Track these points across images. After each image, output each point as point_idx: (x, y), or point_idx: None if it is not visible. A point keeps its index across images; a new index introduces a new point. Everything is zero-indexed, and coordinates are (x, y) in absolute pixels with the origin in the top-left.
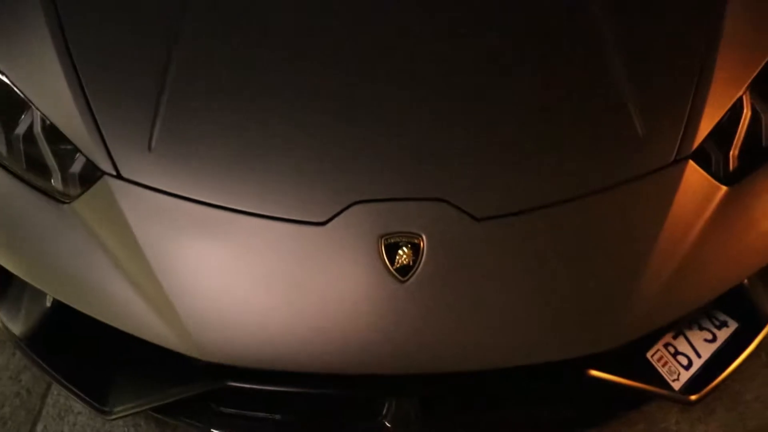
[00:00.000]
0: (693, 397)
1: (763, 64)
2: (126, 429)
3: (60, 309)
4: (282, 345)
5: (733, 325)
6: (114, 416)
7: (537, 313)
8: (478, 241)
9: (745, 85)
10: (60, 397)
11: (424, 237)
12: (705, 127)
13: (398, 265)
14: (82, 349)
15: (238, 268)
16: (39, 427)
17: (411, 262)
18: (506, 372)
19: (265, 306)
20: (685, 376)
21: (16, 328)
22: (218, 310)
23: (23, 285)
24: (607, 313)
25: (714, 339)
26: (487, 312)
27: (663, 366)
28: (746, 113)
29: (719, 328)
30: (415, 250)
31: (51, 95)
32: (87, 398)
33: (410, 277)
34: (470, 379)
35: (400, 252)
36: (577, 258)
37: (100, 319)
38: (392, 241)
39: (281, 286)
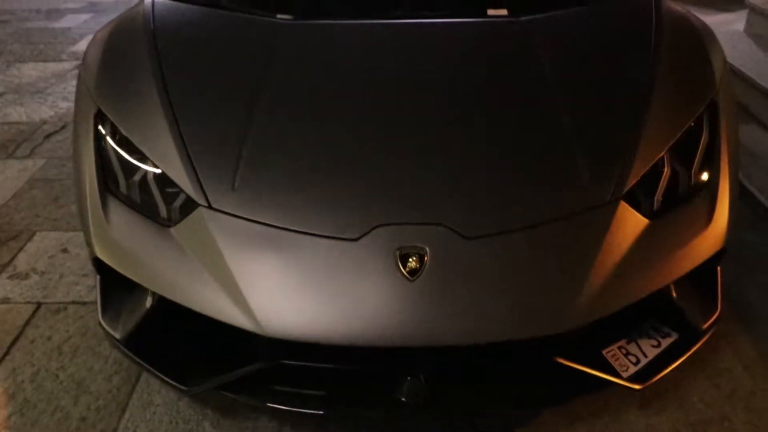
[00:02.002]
0: (638, 386)
1: (679, 134)
2: (196, 416)
3: (155, 311)
4: (323, 324)
5: (674, 336)
6: (193, 392)
7: (507, 305)
8: (465, 253)
9: (666, 149)
10: (144, 393)
11: (427, 250)
12: (633, 177)
13: (408, 269)
14: (168, 344)
15: (293, 269)
16: (126, 415)
17: (417, 267)
18: (492, 358)
19: (312, 296)
20: (633, 369)
21: (117, 333)
22: (277, 298)
23: (122, 299)
24: (560, 306)
25: (659, 345)
26: (471, 302)
27: (616, 361)
28: (666, 170)
29: (663, 337)
30: (421, 259)
31: (161, 152)
32: (171, 381)
33: (417, 278)
34: (465, 362)
35: (410, 260)
36: (537, 267)
37: (192, 308)
38: (404, 252)
39: (324, 282)
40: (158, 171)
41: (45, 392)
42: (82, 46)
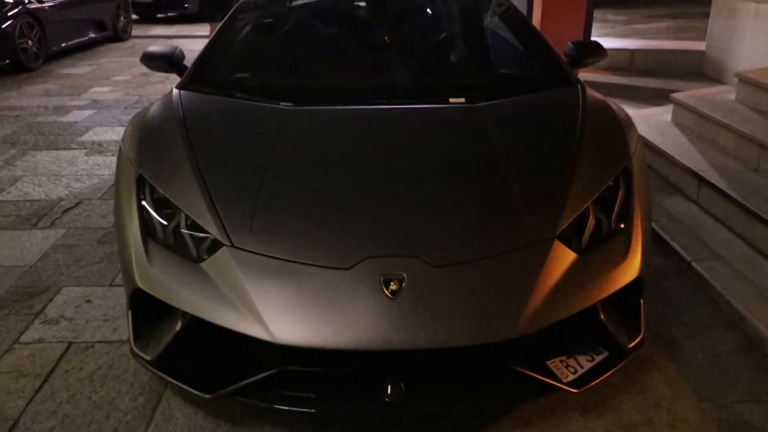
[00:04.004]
0: (575, 390)
1: (600, 191)
2: (211, 426)
3: (183, 334)
4: (323, 332)
5: (605, 353)
6: (213, 397)
7: (468, 317)
8: (434, 278)
9: (589, 201)
10: (165, 409)
11: (405, 275)
12: (565, 222)
13: (390, 291)
14: (191, 362)
15: (299, 292)
16: (152, 426)
17: (398, 289)
18: (460, 367)
19: (314, 311)
20: (572, 377)
21: (148, 355)
22: (286, 314)
23: (150, 329)
24: (509, 319)
25: (593, 360)
26: (439, 315)
27: (558, 370)
28: (591, 218)
29: (597, 354)
30: (400, 282)
31: (193, 206)
32: (196, 390)
33: (397, 297)
34: (437, 370)
35: (392, 284)
36: (491, 288)
37: (219, 324)
38: (387, 277)
39: (324, 301)
40: (189, 221)
41: (81, 409)
42: (88, 136)
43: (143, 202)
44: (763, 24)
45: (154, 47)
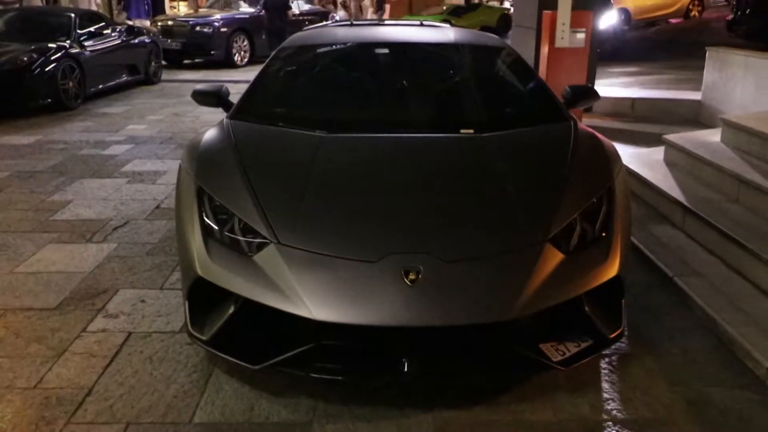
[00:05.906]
0: (562, 368)
1: (585, 206)
2: (255, 396)
3: (235, 316)
4: (353, 312)
5: (589, 341)
6: (260, 368)
7: (472, 301)
8: (445, 270)
9: (576, 213)
10: (216, 383)
11: (421, 268)
12: (555, 228)
13: (409, 280)
14: (240, 339)
15: (334, 280)
16: (205, 395)
17: (415, 278)
18: (465, 343)
19: (346, 295)
20: (560, 358)
21: (204, 336)
22: (323, 297)
23: (204, 314)
24: (507, 303)
25: (579, 346)
26: (449, 299)
27: (548, 352)
28: (578, 227)
29: (582, 341)
30: (417, 273)
31: (245, 211)
32: (245, 362)
33: (415, 285)
34: (447, 347)
35: (410, 274)
36: (492, 279)
37: (268, 305)
38: (407, 269)
39: (355, 287)
40: (241, 224)
41: (144, 382)
42: (129, 167)
43: (203, 210)
44: (752, 75)
45: (202, 86)
